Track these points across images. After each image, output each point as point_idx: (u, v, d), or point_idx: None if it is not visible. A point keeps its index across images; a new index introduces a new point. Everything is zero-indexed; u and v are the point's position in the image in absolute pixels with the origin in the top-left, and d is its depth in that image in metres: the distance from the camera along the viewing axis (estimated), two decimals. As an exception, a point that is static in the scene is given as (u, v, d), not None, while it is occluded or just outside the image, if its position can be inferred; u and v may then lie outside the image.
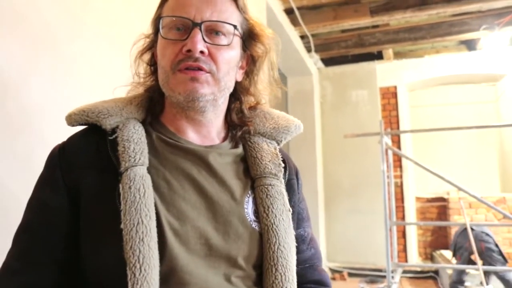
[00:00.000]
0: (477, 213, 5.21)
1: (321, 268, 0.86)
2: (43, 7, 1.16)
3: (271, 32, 0.82)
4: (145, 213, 0.63)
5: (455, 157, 6.21)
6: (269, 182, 0.76)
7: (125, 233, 0.62)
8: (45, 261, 0.66)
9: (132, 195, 0.64)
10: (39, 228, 0.67)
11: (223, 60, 0.72)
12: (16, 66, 1.06)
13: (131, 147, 0.69)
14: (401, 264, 4.05)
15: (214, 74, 0.71)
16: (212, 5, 0.72)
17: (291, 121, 0.88)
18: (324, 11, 3.97)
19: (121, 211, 0.63)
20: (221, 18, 0.72)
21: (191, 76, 0.70)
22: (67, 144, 0.73)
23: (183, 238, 0.66)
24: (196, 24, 0.69)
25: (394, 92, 5.26)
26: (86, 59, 1.32)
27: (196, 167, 0.73)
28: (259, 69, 0.83)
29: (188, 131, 0.77)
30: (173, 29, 0.72)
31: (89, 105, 0.74)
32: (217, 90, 0.73)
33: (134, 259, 0.60)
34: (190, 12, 0.70)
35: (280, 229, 0.72)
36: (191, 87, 0.70)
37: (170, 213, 0.67)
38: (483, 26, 4.18)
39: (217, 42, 0.72)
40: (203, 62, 0.70)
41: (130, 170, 0.66)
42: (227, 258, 0.69)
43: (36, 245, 0.67)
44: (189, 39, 0.69)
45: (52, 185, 0.69)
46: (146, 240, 0.61)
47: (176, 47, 0.71)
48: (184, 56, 0.70)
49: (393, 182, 4.54)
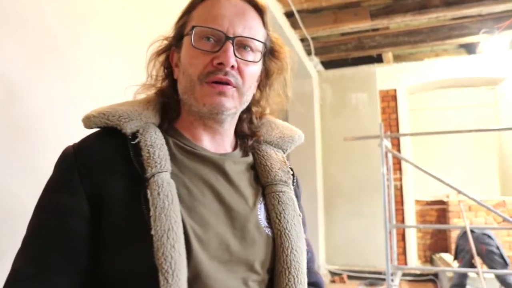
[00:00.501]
0: (477, 216, 5.22)
1: (315, 270, 0.90)
2: (46, 11, 1.17)
3: (288, 49, 0.84)
4: (174, 220, 0.63)
5: (455, 160, 6.23)
6: (280, 189, 0.79)
7: (156, 239, 0.61)
8: (64, 267, 0.64)
9: (161, 201, 0.63)
10: (56, 233, 0.65)
11: (249, 75, 0.74)
12: (20, 69, 1.07)
13: (156, 152, 0.68)
14: (401, 267, 4.06)
15: (239, 89, 0.73)
16: (244, 20, 0.73)
17: (294, 131, 0.92)
18: (324, 14, 3.99)
19: (150, 217, 0.63)
20: (251, 34, 0.73)
21: (219, 91, 0.70)
22: (84, 146, 0.71)
23: (205, 244, 0.67)
24: (229, 38, 0.70)
25: (393, 95, 5.28)
26: (89, 61, 1.33)
27: (214, 175, 0.74)
28: (272, 84, 0.84)
29: (204, 139, 0.78)
30: (202, 39, 0.72)
31: (107, 108, 0.73)
32: (239, 104, 0.75)
33: (167, 265, 0.60)
34: (223, 25, 0.71)
35: (292, 233, 0.74)
36: (218, 101, 0.71)
37: (192, 219, 0.67)
38: (482, 30, 4.20)
39: (246, 57, 0.73)
40: (232, 76, 0.71)
41: (157, 176, 0.66)
42: (245, 263, 0.70)
43: (55, 251, 0.64)
44: (221, 52, 0.70)
45: (69, 189, 0.67)
46: (177, 246, 0.61)
47: (206, 58, 0.71)
48: (215, 68, 0.70)
49: (393, 185, 4.55)
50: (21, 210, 1.01)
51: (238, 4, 0.74)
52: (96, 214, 0.66)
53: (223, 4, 0.73)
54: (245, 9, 0.74)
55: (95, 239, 0.66)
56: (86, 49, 1.32)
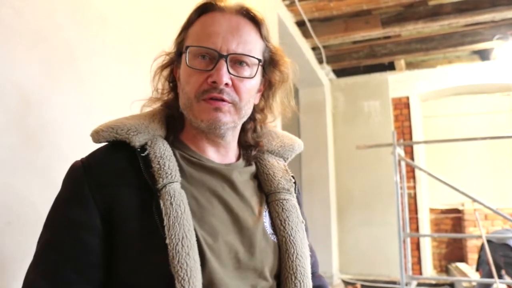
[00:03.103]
0: (493, 225, 5.12)
1: (318, 274, 0.93)
2: (63, 26, 1.20)
3: (289, 60, 0.84)
4: (187, 228, 0.65)
5: (469, 168, 6.13)
6: (283, 197, 0.81)
7: (171, 248, 0.63)
8: (77, 281, 0.65)
9: (174, 211, 0.65)
10: (68, 247, 0.66)
11: (245, 91, 0.74)
12: (37, 83, 1.10)
13: (166, 164, 0.70)
14: (416, 277, 4.00)
15: (236, 104, 0.74)
16: (238, 36, 0.73)
17: (294, 140, 0.93)
18: (335, 23, 4.00)
19: (164, 227, 0.64)
20: (246, 50, 0.73)
21: (215, 106, 0.72)
22: (92, 160, 0.73)
23: (216, 253, 0.68)
24: (222, 56, 0.71)
25: (406, 103, 5.23)
26: (104, 74, 1.36)
27: (221, 185, 0.76)
28: (275, 93, 0.86)
29: (209, 150, 0.79)
30: (197, 57, 0.73)
31: (115, 122, 0.75)
32: (237, 118, 0.76)
33: (183, 272, 0.61)
34: (216, 43, 0.72)
35: (297, 240, 0.77)
36: (214, 117, 0.72)
37: (202, 229, 0.69)
38: (496, 36, 4.15)
39: (241, 74, 0.74)
40: (227, 94, 0.72)
41: (168, 186, 0.67)
42: (254, 270, 0.72)
43: (67, 264, 0.65)
44: (215, 71, 0.71)
45: (80, 203, 0.68)
46: (192, 253, 0.63)
47: (201, 76, 0.72)
48: (209, 86, 0.71)
49: (407, 193, 4.50)
50: (37, 220, 1.03)
51: (233, 20, 0.75)
52: (108, 227, 0.67)
53: (217, 21, 0.74)
54: (239, 24, 0.75)
55: (108, 252, 0.67)
56: (101, 63, 1.35)
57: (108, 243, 0.67)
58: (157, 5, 1.66)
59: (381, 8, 3.77)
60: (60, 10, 1.20)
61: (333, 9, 3.71)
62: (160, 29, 1.56)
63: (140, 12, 1.57)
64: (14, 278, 0.99)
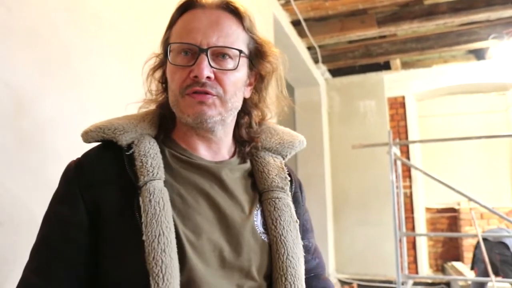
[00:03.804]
0: (489, 224, 5.14)
1: (324, 277, 0.90)
2: (58, 25, 1.19)
3: (277, 50, 0.84)
4: (165, 225, 0.65)
5: (465, 167, 6.16)
6: (276, 195, 0.80)
7: (147, 245, 0.63)
8: (66, 277, 0.67)
9: (153, 208, 0.66)
10: (59, 244, 0.69)
11: (229, 84, 0.74)
12: (31, 83, 1.09)
13: (148, 161, 0.71)
14: (412, 276, 4.00)
15: (221, 97, 0.74)
16: (218, 30, 0.74)
17: (295, 137, 0.92)
18: (331, 22, 4.00)
19: (141, 224, 0.65)
20: (227, 43, 0.74)
21: (199, 100, 0.72)
22: (84, 160, 0.75)
23: (199, 250, 0.68)
24: (203, 50, 0.71)
25: (402, 102, 5.24)
26: (99, 74, 1.35)
27: (209, 183, 0.75)
28: (267, 85, 0.85)
29: (200, 147, 0.79)
30: (180, 53, 0.74)
31: (104, 122, 0.76)
32: (224, 111, 0.75)
33: (157, 269, 0.62)
34: (196, 38, 0.72)
35: (288, 240, 0.75)
36: (199, 110, 0.72)
37: (186, 226, 0.69)
38: (491, 35, 4.17)
39: (224, 66, 0.74)
40: (210, 87, 0.72)
41: (149, 184, 0.68)
42: (240, 270, 0.71)
43: (57, 260, 0.68)
44: (195, 66, 0.71)
45: (71, 202, 0.70)
46: (168, 250, 0.64)
47: (184, 72, 0.73)
48: (192, 81, 0.72)
49: (402, 193, 4.50)
50: (31, 220, 1.02)
51: (213, 14, 0.75)
52: (95, 224, 0.69)
53: (198, 17, 0.74)
54: (219, 18, 0.75)
55: (95, 248, 0.69)
56: (97, 62, 1.34)
57: (95, 240, 0.69)
58: (153, 5, 1.65)
59: (377, 8, 3.78)
60: (55, 9, 1.18)
61: (329, 8, 3.71)
62: (157, 29, 1.55)
63: (137, 12, 1.56)
64: (6, 280, 0.98)
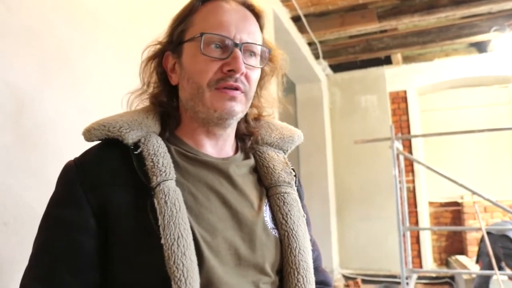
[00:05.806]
0: (493, 217, 5.12)
1: (322, 268, 0.90)
2: (56, 25, 1.19)
3: (281, 52, 0.85)
4: (183, 227, 0.63)
5: (468, 160, 6.13)
6: (284, 190, 0.79)
7: (166, 248, 0.61)
8: (72, 283, 0.64)
9: (169, 210, 0.63)
10: (63, 249, 0.65)
11: (254, 81, 0.75)
12: (31, 82, 1.09)
13: (159, 161, 0.68)
14: (416, 270, 4.00)
15: (247, 94, 0.74)
16: (248, 26, 0.74)
17: (294, 131, 0.91)
18: (331, 17, 3.98)
19: (158, 227, 0.63)
20: (254, 40, 0.74)
21: (231, 96, 0.71)
22: (85, 160, 0.71)
23: (215, 250, 0.67)
24: (237, 44, 0.71)
25: (404, 97, 5.22)
26: (98, 72, 1.35)
27: (218, 180, 0.74)
28: (265, 84, 0.85)
29: (206, 144, 0.78)
30: (210, 45, 0.71)
31: (107, 120, 0.73)
32: (246, 108, 0.76)
33: (179, 273, 0.60)
34: (231, 32, 0.71)
35: (299, 234, 0.75)
36: (229, 106, 0.72)
37: (200, 226, 0.67)
38: (493, 28, 4.14)
39: (252, 63, 0.74)
40: (241, 82, 0.72)
41: (162, 184, 0.66)
42: (255, 266, 0.70)
43: (61, 266, 0.64)
44: (231, 59, 0.70)
45: (74, 203, 0.66)
46: (188, 253, 0.62)
47: (215, 65, 0.71)
48: (224, 75, 0.71)
49: (405, 187, 4.49)
50: (33, 220, 1.02)
51: (240, 10, 0.75)
52: (102, 227, 0.66)
53: (226, 10, 0.73)
54: (246, 15, 0.75)
55: (102, 252, 0.66)
56: (95, 61, 1.34)
57: (103, 244, 0.66)
58: (150, 4, 1.65)
59: (377, 2, 3.76)
60: (53, 8, 1.18)
61: (329, 3, 3.69)
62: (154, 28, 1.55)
63: (134, 11, 1.56)
64: (12, 279, 0.98)
